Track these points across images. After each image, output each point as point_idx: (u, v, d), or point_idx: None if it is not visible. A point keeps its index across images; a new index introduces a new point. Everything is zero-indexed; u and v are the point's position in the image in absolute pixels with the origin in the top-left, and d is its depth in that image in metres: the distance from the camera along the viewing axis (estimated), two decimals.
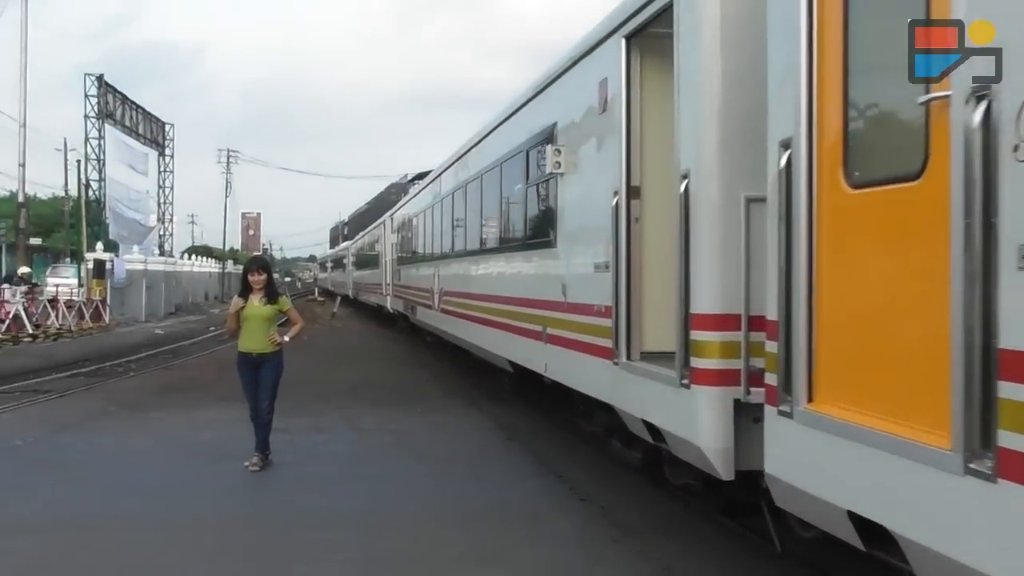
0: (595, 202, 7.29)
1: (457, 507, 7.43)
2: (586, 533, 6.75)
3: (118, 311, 33.10)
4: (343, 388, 14.80)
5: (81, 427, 11.10)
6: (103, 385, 15.45)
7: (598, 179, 7.32)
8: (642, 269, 6.64)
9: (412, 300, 21.15)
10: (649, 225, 6.67)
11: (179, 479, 8.38)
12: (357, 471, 8.76)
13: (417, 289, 20.16)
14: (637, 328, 6.63)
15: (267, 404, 8.81)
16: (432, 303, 17.19)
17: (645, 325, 6.64)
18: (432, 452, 9.71)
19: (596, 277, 7.29)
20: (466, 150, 14.30)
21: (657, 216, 6.50)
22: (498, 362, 11.88)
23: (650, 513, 7.31)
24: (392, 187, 61.32)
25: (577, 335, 7.83)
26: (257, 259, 9.94)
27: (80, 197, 41.78)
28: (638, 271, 6.61)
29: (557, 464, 9.01)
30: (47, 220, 57.89)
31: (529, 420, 11.63)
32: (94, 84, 41.63)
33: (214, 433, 10.57)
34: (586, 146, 7.72)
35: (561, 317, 8.33)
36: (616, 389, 6.90)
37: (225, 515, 7.23)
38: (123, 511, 7.28)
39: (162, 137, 52.50)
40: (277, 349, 8.88)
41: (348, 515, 7.19)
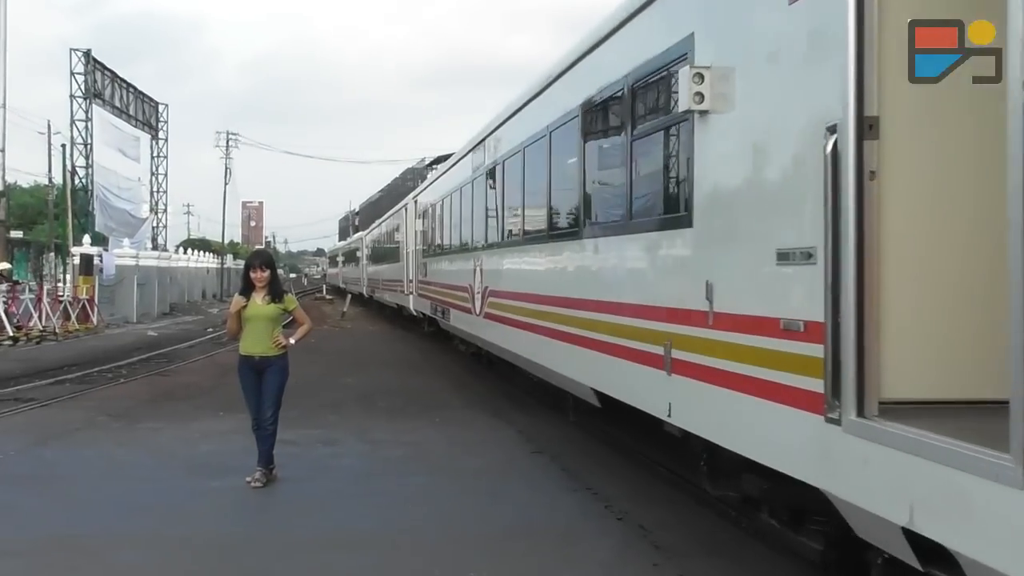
0: (779, 149, 5.36)
1: (480, 528, 7.45)
2: (625, 556, 6.74)
3: (107, 311, 33.44)
4: (354, 396, 14.89)
5: (67, 439, 11.24)
6: (91, 393, 15.61)
7: (786, 112, 5.24)
8: (880, 259, 4.52)
9: (443, 301, 19.20)
10: (897, 183, 4.54)
11: (174, 496, 8.45)
12: (369, 487, 8.80)
13: (449, 288, 18.17)
14: (873, 362, 4.47)
15: (271, 413, 8.87)
16: (472, 306, 15.20)
17: (887, 356, 4.52)
18: (452, 466, 9.73)
19: (783, 273, 5.17)
20: (525, 101, 11.79)
21: (914, 166, 4.56)
22: (575, 390, 9.90)
23: (694, 533, 7.30)
24: (408, 172, 61.64)
25: (738, 366, 5.65)
26: (260, 253, 9.95)
27: (65, 185, 42.26)
28: (874, 263, 4.49)
29: (590, 479, 9.01)
30: (29, 211, 58.80)
31: (558, 431, 11.63)
32: (81, 60, 42.23)
33: (213, 445, 10.67)
34: (761, 62, 5.56)
35: (702, 335, 6.16)
36: (834, 467, 4.68)
37: (224, 535, 7.28)
38: (113, 531, 7.36)
39: (155, 119, 53.14)
40: (282, 352, 8.94)
41: (359, 536, 7.23)
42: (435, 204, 20.96)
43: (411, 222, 25.85)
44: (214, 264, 60.69)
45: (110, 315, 33.58)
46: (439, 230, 20.37)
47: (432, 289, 21.13)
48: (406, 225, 27.20)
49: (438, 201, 20.41)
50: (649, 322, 7.20)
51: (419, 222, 23.98)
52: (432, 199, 21.68)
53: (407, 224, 26.82)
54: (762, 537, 6.94)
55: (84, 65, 42.24)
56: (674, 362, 6.66)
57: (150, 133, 52.94)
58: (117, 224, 44.94)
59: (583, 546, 6.95)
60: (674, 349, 6.67)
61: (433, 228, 21.35)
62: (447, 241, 19.08)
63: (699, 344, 6.23)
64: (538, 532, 7.31)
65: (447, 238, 19.08)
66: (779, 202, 5.31)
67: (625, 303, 7.83)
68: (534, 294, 11.06)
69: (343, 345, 24.95)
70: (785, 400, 5.07)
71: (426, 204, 22.84)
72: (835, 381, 4.54)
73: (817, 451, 4.76)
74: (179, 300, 45.92)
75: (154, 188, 54.71)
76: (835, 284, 4.54)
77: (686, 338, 6.45)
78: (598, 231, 8.84)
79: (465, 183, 16.56)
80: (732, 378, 5.74)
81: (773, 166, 5.48)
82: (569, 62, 9.74)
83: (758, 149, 5.63)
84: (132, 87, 48.89)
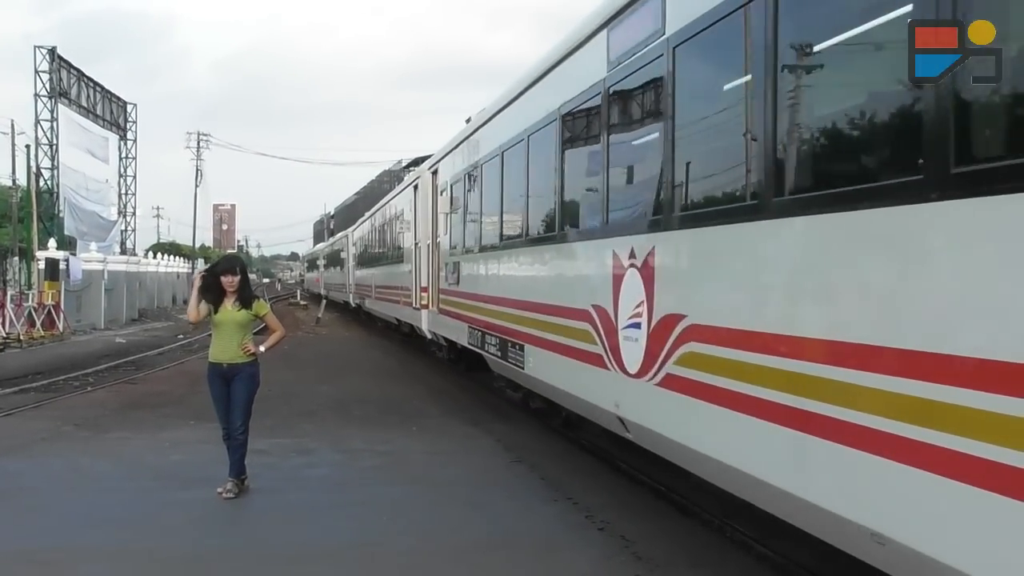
0: None
1: (458, 539, 7.44)
2: (606, 568, 6.76)
3: (73, 317, 33.21)
4: (329, 404, 14.83)
5: (31, 449, 11.14)
6: (57, 402, 15.47)
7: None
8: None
9: (500, 329, 11.71)
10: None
11: (144, 508, 8.40)
12: (344, 498, 8.78)
13: (519, 307, 10.73)
14: None
15: (240, 422, 8.83)
16: (603, 350, 7.80)
17: None
18: (429, 476, 9.73)
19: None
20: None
21: None
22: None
23: (677, 543, 7.32)
24: (384, 175, 61.47)
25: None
26: (230, 258, 9.96)
27: (30, 187, 41.92)
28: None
29: (571, 489, 9.03)
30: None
31: (537, 440, 11.65)
32: (46, 58, 41.94)
33: (183, 455, 10.60)
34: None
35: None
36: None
37: (195, 548, 7.24)
38: (79, 544, 7.30)
39: (123, 119, 52.85)
40: (251, 360, 8.92)
41: (334, 548, 7.21)
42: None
43: (426, 205, 18.75)
44: (184, 269, 60.38)
45: (76, 321, 33.35)
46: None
47: (470, 306, 13.92)
48: (416, 211, 20.13)
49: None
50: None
51: (443, 202, 16.48)
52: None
53: (418, 209, 19.84)
54: (746, 547, 6.98)
55: (49, 63, 41.96)
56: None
57: (118, 133, 52.63)
58: (89, 227, 44.69)
59: (563, 557, 6.96)
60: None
61: (474, 209, 13.90)
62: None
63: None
64: (517, 543, 7.32)
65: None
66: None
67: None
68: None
69: (318, 352, 24.86)
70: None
71: (461, 171, 14.86)
72: None
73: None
74: (148, 306, 45.61)
75: (122, 190, 54.36)
76: None
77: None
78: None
79: (514, 141, 11.22)
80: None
81: None
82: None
83: None
84: (99, 86, 48.61)
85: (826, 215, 4.71)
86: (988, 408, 3.59)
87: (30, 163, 41.45)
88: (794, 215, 5.01)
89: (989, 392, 3.58)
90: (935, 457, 3.84)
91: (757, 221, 5.37)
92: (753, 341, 5.32)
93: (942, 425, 3.82)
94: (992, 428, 3.55)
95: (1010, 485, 3.47)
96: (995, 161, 3.69)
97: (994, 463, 3.54)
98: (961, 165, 3.76)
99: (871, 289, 4.40)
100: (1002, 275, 3.62)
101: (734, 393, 5.47)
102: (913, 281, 4.13)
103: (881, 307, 4.31)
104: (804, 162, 5.16)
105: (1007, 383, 3.49)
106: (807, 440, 4.77)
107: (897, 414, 4.09)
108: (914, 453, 3.96)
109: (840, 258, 4.65)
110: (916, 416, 3.96)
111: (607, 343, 7.69)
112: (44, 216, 41.47)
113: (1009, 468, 3.46)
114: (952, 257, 3.90)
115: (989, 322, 3.67)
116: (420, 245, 19.19)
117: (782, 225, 5.12)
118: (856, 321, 4.45)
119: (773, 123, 5.16)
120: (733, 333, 5.57)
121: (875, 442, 4.22)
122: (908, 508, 4.05)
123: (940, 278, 3.96)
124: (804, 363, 4.82)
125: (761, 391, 5.19)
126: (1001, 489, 3.52)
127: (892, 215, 4.20)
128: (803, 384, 4.80)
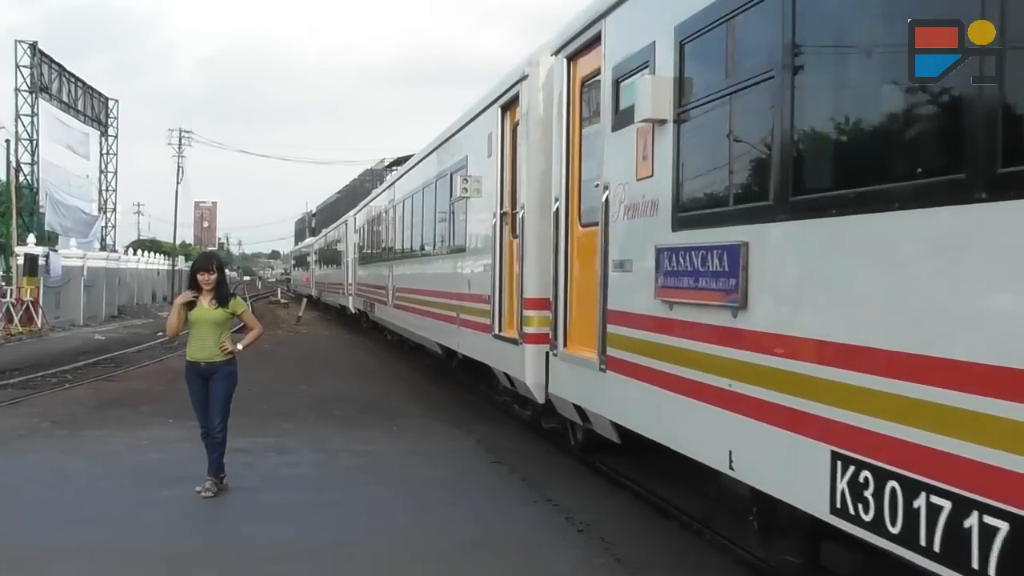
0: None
1: (437, 540, 7.42)
2: (585, 569, 6.76)
3: (52, 314, 32.96)
4: (309, 403, 14.78)
5: (8, 446, 11.05)
6: (34, 398, 15.36)
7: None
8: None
9: (371, 298, 16.89)
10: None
11: (121, 506, 8.35)
12: (324, 498, 8.74)
13: (374, 287, 15.39)
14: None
15: (218, 421, 8.77)
16: (387, 299, 12.36)
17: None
18: (409, 477, 9.71)
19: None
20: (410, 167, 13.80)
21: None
22: (430, 344, 17.08)
23: (657, 545, 7.33)
24: (367, 174, 61.37)
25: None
26: (207, 256, 9.94)
27: (9, 183, 41.61)
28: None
29: (551, 490, 9.02)
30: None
31: (518, 441, 11.65)
32: (27, 52, 41.48)
33: (161, 454, 10.54)
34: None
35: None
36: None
37: (173, 548, 7.18)
38: (56, 543, 7.24)
39: (105, 115, 52.41)
40: (229, 358, 8.86)
41: (313, 548, 7.17)
42: (365, 222, 26.69)
43: (350, 235, 30.54)
44: (165, 266, 60.03)
45: (55, 318, 33.09)
46: (367, 243, 25.89)
47: (364, 289, 26.36)
48: (346, 237, 31.77)
49: (364, 222, 26.51)
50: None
51: (355, 235, 29.07)
52: (362, 220, 27.62)
53: (347, 236, 31.52)
54: (725, 549, 7.00)
55: (30, 58, 41.51)
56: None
57: (99, 130, 52.18)
58: (72, 222, 44.36)
59: (543, 558, 6.96)
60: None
61: (363, 241, 26.44)
62: (373, 251, 24.27)
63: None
64: (497, 544, 7.31)
65: (372, 249, 24.31)
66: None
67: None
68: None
69: (298, 350, 24.78)
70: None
71: (361, 221, 27.65)
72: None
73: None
74: (128, 303, 45.33)
75: (103, 186, 53.89)
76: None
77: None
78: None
79: (383, 210, 21.61)
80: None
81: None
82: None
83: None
84: (81, 82, 48.21)
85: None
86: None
87: (10, 158, 41.20)
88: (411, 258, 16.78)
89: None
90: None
91: (408, 259, 18.31)
92: (410, 291, 18.61)
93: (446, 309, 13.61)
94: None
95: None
96: None
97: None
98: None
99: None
100: None
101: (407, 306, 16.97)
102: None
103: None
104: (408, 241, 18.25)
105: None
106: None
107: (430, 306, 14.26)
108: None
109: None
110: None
111: (388, 296, 20.91)
112: (24, 211, 41.16)
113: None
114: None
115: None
116: (347, 259, 23.02)
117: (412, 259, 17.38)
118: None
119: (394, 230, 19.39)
120: (405, 289, 19.37)
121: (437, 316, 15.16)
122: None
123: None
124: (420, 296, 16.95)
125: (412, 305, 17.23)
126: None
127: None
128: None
